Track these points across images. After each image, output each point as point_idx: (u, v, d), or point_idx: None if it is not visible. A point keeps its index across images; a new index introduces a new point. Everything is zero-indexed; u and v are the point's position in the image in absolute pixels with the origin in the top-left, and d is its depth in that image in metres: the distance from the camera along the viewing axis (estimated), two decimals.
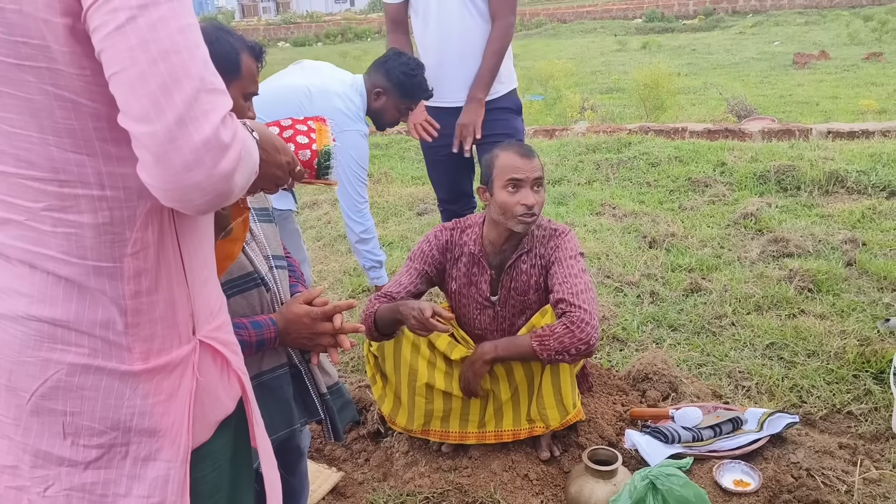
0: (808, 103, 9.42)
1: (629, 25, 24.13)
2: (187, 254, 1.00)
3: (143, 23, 0.79)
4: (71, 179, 0.88)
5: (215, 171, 0.82)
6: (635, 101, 9.16)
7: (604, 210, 4.94)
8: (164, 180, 0.82)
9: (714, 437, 2.40)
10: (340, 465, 2.47)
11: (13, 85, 0.83)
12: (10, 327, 0.91)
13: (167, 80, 0.79)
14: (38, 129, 0.85)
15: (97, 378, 0.93)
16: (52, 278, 0.90)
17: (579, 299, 2.21)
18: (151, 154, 0.81)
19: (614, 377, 2.81)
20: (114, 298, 0.92)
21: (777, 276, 3.65)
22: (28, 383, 0.92)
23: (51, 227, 0.89)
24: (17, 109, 0.85)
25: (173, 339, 0.99)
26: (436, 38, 2.95)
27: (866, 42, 15.59)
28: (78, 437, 0.94)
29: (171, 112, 0.79)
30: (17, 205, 0.88)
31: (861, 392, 2.65)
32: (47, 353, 0.91)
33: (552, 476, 2.33)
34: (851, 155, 5.37)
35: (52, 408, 0.93)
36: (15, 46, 0.82)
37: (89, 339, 0.92)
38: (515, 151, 2.28)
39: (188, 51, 0.81)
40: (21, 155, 0.87)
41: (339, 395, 1.78)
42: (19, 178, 0.87)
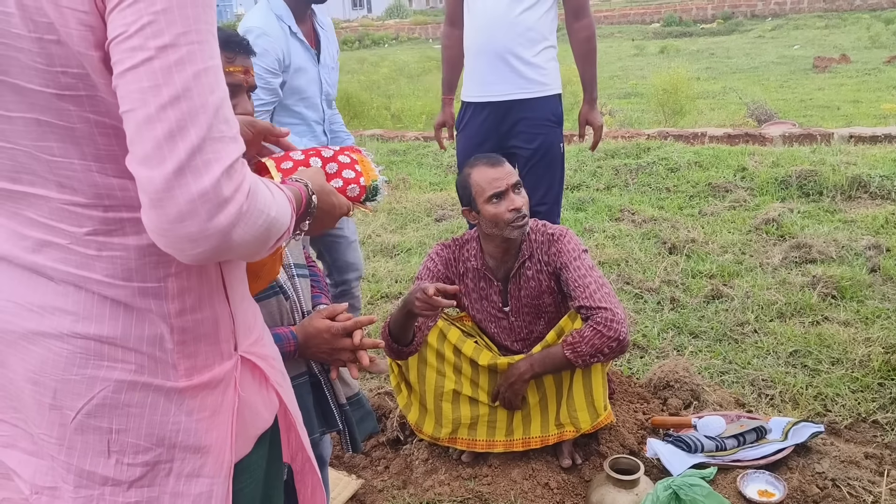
0: (829, 107, 9.34)
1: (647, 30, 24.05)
2: (227, 271, 1.01)
3: (158, 65, 0.77)
4: (115, 204, 0.88)
5: (209, 224, 0.80)
6: (654, 106, 9.12)
7: (623, 216, 4.92)
8: (158, 226, 0.80)
9: (738, 447, 2.37)
10: (360, 473, 2.46)
11: (54, 114, 0.83)
12: (55, 345, 0.89)
13: (174, 126, 0.78)
14: (80, 156, 0.85)
15: (143, 395, 0.93)
16: (98, 297, 0.90)
17: (596, 300, 2.21)
18: (148, 198, 0.79)
19: (635, 385, 2.79)
20: (161, 316, 0.92)
21: (800, 283, 3.61)
22: (74, 401, 0.90)
23: (95, 251, 0.88)
24: (59, 138, 0.84)
25: (216, 355, 1.00)
26: (481, 30, 2.89)
27: (888, 45, 15.43)
28: (123, 455, 0.93)
29: (172, 161, 0.77)
30: (59, 229, 0.88)
31: (887, 400, 2.61)
32: (93, 371, 0.90)
33: (573, 485, 2.31)
34: (874, 160, 5.31)
35: (98, 425, 0.92)
36: (55, 77, 0.82)
37: (136, 355, 0.92)
38: (485, 164, 2.29)
39: (201, 97, 0.79)
40: (63, 182, 0.86)
41: (360, 406, 1.78)
42: (62, 204, 0.87)
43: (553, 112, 2.92)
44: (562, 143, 2.99)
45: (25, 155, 0.85)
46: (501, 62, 2.84)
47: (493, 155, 2.34)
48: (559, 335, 2.30)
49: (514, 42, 2.81)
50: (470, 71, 2.97)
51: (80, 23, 0.80)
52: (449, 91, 3.28)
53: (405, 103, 10.57)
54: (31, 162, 0.86)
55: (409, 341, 2.27)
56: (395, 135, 8.18)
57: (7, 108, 0.83)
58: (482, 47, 2.87)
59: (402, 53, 20.91)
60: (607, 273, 3.93)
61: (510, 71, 2.84)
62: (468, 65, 2.98)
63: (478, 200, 2.29)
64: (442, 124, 3.27)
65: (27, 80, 0.82)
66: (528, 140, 2.90)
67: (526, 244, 2.38)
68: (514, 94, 2.87)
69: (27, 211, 0.88)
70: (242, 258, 0.93)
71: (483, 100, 2.93)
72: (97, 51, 0.81)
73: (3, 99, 0.82)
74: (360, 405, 1.78)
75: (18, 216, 0.89)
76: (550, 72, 2.91)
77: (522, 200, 2.27)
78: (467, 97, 3.01)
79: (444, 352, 2.37)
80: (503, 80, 2.86)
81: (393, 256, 4.56)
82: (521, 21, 2.80)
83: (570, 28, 2.99)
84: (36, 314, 0.89)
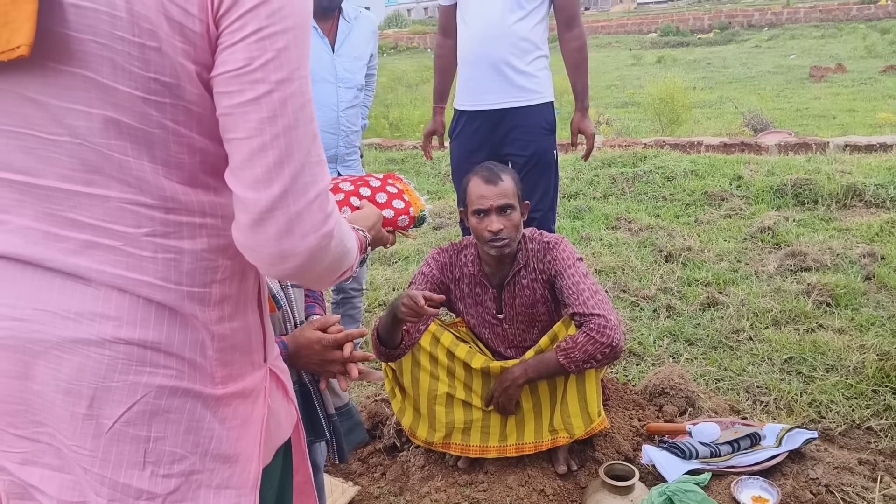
0: (824, 117, 9.39)
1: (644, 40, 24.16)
2: (263, 283, 1.04)
3: (276, 97, 0.83)
4: (177, 207, 0.89)
5: (301, 242, 0.87)
6: (650, 115, 9.17)
7: (619, 224, 4.94)
8: (255, 243, 0.87)
9: (732, 453, 2.38)
10: (357, 480, 2.47)
11: (136, 117, 0.85)
12: (95, 352, 0.87)
13: (283, 153, 0.84)
14: (150, 160, 0.87)
15: (182, 401, 0.92)
16: (143, 302, 0.89)
17: (589, 306, 2.22)
18: (250, 218, 0.86)
19: (631, 392, 2.80)
20: (203, 322, 0.93)
21: (795, 291, 3.63)
22: (112, 409, 0.89)
23: (151, 252, 0.89)
24: (135, 140, 0.85)
25: (248, 365, 1.01)
26: (474, 40, 2.92)
27: (883, 55, 15.52)
28: (158, 465, 0.92)
29: (279, 184, 0.84)
30: (112, 230, 0.87)
31: (881, 407, 2.63)
32: (136, 377, 0.89)
33: (568, 491, 2.32)
34: (869, 168, 5.34)
35: (136, 434, 0.90)
36: (146, 81, 0.84)
37: (178, 360, 0.91)
38: (481, 178, 2.30)
39: (304, 126, 0.86)
40: (130, 182, 0.87)
41: (349, 417, 1.78)
42: (123, 203, 0.87)
43: (546, 119, 2.96)
44: (555, 150, 3.02)
45: (95, 153, 0.85)
46: (495, 71, 2.87)
47: (496, 169, 2.33)
48: (552, 341, 2.31)
49: (508, 51, 2.85)
50: (464, 80, 3.00)
51: (185, 38, 0.83)
52: (440, 100, 3.31)
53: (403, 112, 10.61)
54: (98, 160, 0.85)
55: (396, 345, 2.29)
56: (393, 143, 8.21)
57: (89, 105, 0.83)
58: (476, 57, 2.90)
59: (400, 63, 21.00)
60: (604, 281, 3.95)
61: (504, 80, 2.88)
62: (462, 74, 3.01)
63: (468, 209, 2.34)
64: (432, 133, 3.30)
65: (116, 81, 0.83)
66: (522, 147, 2.93)
67: (522, 252, 2.39)
68: (507, 103, 2.90)
69: (69, 212, 0.87)
70: (313, 281, 0.97)
71: (477, 108, 2.96)
72: (194, 65, 0.85)
73: (87, 95, 0.83)
74: (349, 416, 1.78)
75: (54, 217, 0.87)
76: (543, 80, 2.95)
77: (503, 224, 2.26)
78: (461, 105, 3.03)
79: (437, 355, 2.39)
80: (497, 89, 2.89)
81: (391, 265, 4.57)
82: (515, 31, 2.84)
83: (562, 38, 3.03)
84: (73, 321, 0.87)
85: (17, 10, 0.77)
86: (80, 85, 0.82)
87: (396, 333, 2.25)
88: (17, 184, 0.86)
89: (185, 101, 0.86)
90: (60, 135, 0.84)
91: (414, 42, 28.99)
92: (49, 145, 0.84)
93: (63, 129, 0.83)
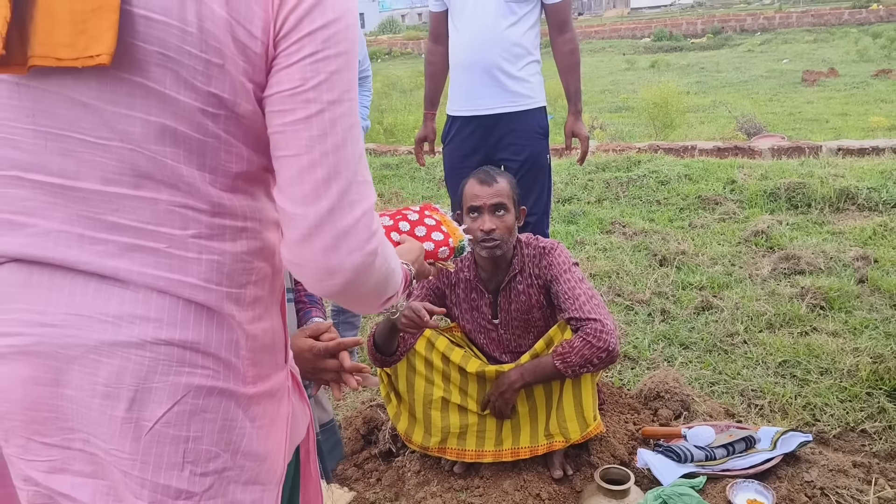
0: (817, 121, 9.43)
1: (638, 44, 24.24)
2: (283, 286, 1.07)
3: (327, 117, 0.88)
4: (222, 211, 0.92)
5: (348, 258, 0.90)
6: (644, 119, 9.20)
7: (614, 228, 4.95)
8: (303, 258, 0.91)
9: (727, 456, 2.38)
10: (352, 485, 2.47)
11: (192, 126, 0.88)
12: (135, 354, 0.88)
13: (331, 171, 0.88)
14: (199, 167, 0.90)
15: (218, 400, 0.94)
16: (183, 303, 0.90)
17: (585, 311, 2.23)
18: (298, 234, 0.90)
19: (626, 396, 2.81)
20: (239, 322, 0.95)
21: (789, 294, 3.64)
22: (153, 410, 0.90)
23: (195, 253, 0.91)
24: (188, 147, 0.88)
25: (273, 366, 1.03)
26: (467, 46, 2.93)
27: (875, 59, 15.61)
28: (196, 464, 0.93)
29: (327, 201, 0.88)
30: (158, 232, 0.89)
31: (875, 410, 2.64)
32: (176, 377, 0.90)
33: (564, 496, 2.32)
34: (862, 172, 5.36)
35: (176, 434, 0.91)
36: (206, 95, 0.87)
37: (215, 360, 0.93)
38: (476, 178, 2.33)
39: (352, 145, 0.90)
40: (181, 186, 0.89)
41: (332, 434, 1.76)
42: (171, 206, 0.89)
43: (539, 124, 2.98)
44: (548, 155, 3.03)
45: (147, 158, 0.87)
46: (488, 77, 2.89)
47: (492, 172, 2.35)
48: (548, 345, 2.32)
49: (501, 57, 2.86)
50: (456, 85, 3.01)
51: (247, 58, 0.87)
52: (431, 106, 3.32)
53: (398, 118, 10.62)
54: (150, 165, 0.87)
55: (392, 352, 2.29)
56: (387, 149, 8.22)
57: (147, 113, 0.85)
58: (469, 62, 2.92)
59: (394, 68, 21.03)
60: (598, 285, 3.95)
61: (497, 85, 2.89)
62: (454, 79, 3.01)
63: (463, 209, 2.35)
64: (423, 139, 3.31)
65: (178, 92, 0.86)
66: (516, 152, 2.94)
67: (517, 258, 2.40)
68: (501, 108, 2.92)
69: (110, 215, 0.88)
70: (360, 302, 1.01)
71: (470, 114, 2.97)
72: (251, 83, 0.89)
73: (146, 103, 0.85)
74: (332, 433, 1.76)
75: (90, 220, 0.88)
76: (535, 85, 2.97)
77: (495, 224, 2.28)
78: (453, 111, 3.04)
79: (432, 359, 2.39)
80: (490, 95, 2.91)
81: None
82: (507, 36, 2.85)
83: (554, 42, 3.05)
84: (111, 324, 0.88)
85: (98, 20, 0.80)
86: (140, 93, 0.85)
87: (393, 341, 2.25)
88: (50, 186, 0.87)
89: (238, 114, 0.89)
90: (110, 139, 0.86)
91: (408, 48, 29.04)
92: (96, 149, 0.86)
93: (114, 134, 0.86)
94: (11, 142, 0.87)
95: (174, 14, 0.83)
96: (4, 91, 0.86)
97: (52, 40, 0.81)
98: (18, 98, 0.86)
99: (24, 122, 0.86)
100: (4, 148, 0.87)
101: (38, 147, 0.86)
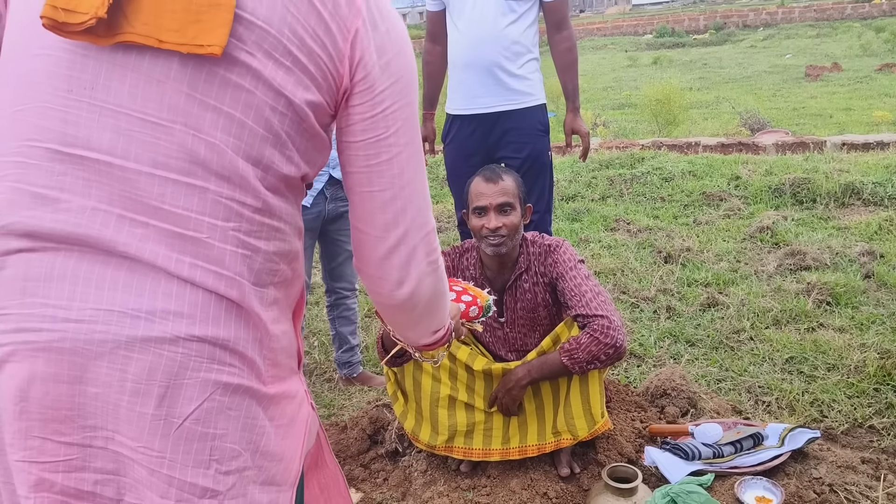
0: (821, 115, 9.40)
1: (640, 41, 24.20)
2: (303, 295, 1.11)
3: (404, 157, 1.02)
4: (263, 208, 0.95)
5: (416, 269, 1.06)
6: (647, 116, 9.17)
7: (618, 226, 4.94)
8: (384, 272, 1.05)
9: (735, 454, 2.38)
10: (359, 486, 2.46)
11: (259, 121, 0.91)
12: (167, 350, 0.88)
13: (407, 201, 1.03)
14: (255, 163, 0.93)
15: (242, 398, 0.94)
16: (215, 297, 0.91)
17: (592, 308, 2.23)
18: (380, 253, 1.04)
19: (632, 393, 2.80)
20: (264, 321, 0.97)
21: (795, 290, 3.63)
22: (183, 407, 0.89)
23: (233, 246, 0.92)
24: (251, 141, 0.92)
25: (289, 369, 1.06)
26: (466, 44, 2.93)
27: (879, 53, 15.56)
28: (221, 463, 0.93)
29: (403, 226, 1.03)
30: (202, 221, 0.89)
31: (883, 406, 2.63)
32: (206, 374, 0.90)
33: (571, 494, 2.31)
34: (867, 167, 5.34)
35: (205, 431, 0.91)
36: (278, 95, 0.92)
37: (241, 358, 0.94)
38: (482, 177, 2.34)
39: (421, 177, 1.05)
40: (233, 179, 0.91)
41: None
42: (218, 196, 0.90)
43: (540, 121, 2.98)
44: (549, 152, 3.03)
45: (207, 145, 0.89)
46: (488, 75, 2.88)
47: (498, 170, 2.35)
48: (555, 342, 2.31)
49: (500, 55, 2.86)
50: (456, 84, 3.00)
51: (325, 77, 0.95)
52: (430, 106, 3.31)
53: None
54: (208, 153, 0.89)
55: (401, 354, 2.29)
56: None
57: (221, 102, 0.89)
58: (469, 61, 2.91)
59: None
60: (603, 283, 3.94)
61: (497, 83, 2.89)
62: (454, 78, 3.01)
63: (469, 208, 2.35)
64: (423, 139, 3.30)
65: (255, 87, 0.90)
66: (517, 150, 2.94)
67: (523, 256, 2.40)
68: (501, 106, 2.92)
69: (154, 199, 0.87)
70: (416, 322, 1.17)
71: (470, 112, 2.97)
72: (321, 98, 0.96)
73: (223, 93, 0.88)
74: None
75: (133, 202, 0.87)
76: (535, 83, 2.97)
77: (501, 222, 2.29)
78: (454, 110, 3.04)
79: None
80: (490, 93, 2.91)
81: None
82: (507, 34, 2.85)
83: (552, 40, 3.04)
84: (144, 320, 0.87)
85: (213, 14, 0.85)
86: (220, 82, 0.88)
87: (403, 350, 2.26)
88: (93, 162, 0.86)
89: (300, 118, 0.95)
90: (174, 122, 0.87)
91: None
92: (156, 130, 0.87)
93: (181, 117, 0.87)
94: (62, 113, 0.86)
95: (274, 24, 0.89)
96: (65, 61, 0.86)
97: (157, 22, 0.84)
98: (81, 69, 0.86)
99: (80, 94, 0.86)
100: (51, 119, 0.86)
101: (90, 121, 0.86)
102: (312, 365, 3.34)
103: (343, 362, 3.15)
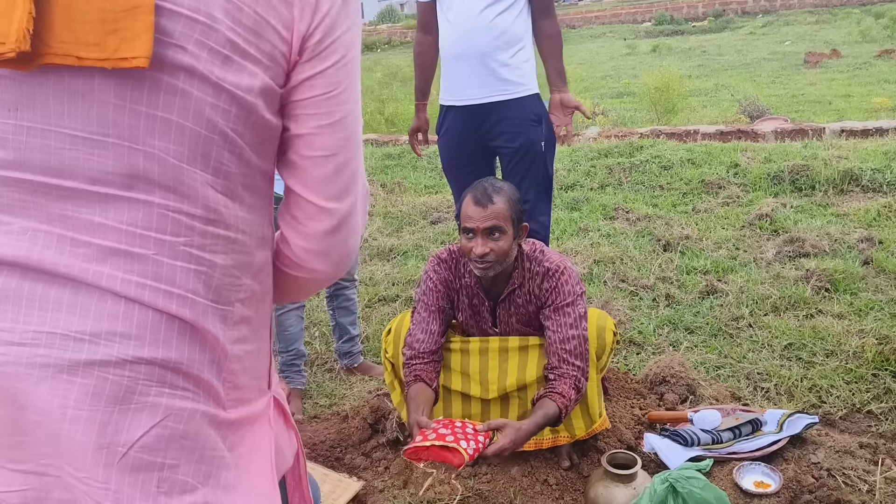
0: (820, 102, 9.39)
1: (638, 29, 24.13)
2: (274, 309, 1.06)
3: (352, 116, 0.94)
4: (217, 219, 0.88)
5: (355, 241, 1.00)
6: (646, 104, 9.16)
7: (617, 214, 4.94)
8: (329, 247, 0.98)
9: (733, 439, 2.39)
10: (361, 474, 2.48)
11: (199, 122, 0.84)
12: (112, 374, 0.82)
13: (355, 168, 0.96)
14: (203, 167, 0.86)
15: (198, 425, 0.88)
16: (166, 318, 0.85)
17: (571, 360, 2.19)
18: (328, 225, 0.95)
19: (631, 381, 2.81)
20: (222, 342, 0.90)
21: (794, 277, 3.64)
22: (128, 434, 0.83)
23: (185, 262, 0.86)
24: (193, 144, 0.84)
25: (255, 390, 0.99)
26: (457, 35, 2.91)
27: (878, 39, 15.52)
28: (170, 496, 0.86)
29: (353, 193, 0.96)
30: (148, 237, 0.84)
31: (881, 391, 2.64)
32: (155, 398, 0.84)
33: (571, 481, 2.33)
34: (865, 153, 5.34)
35: (152, 461, 0.84)
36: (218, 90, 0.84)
37: (195, 381, 0.87)
38: (472, 198, 2.21)
39: (360, 138, 0.97)
40: (179, 189, 0.84)
41: None
42: (166, 210, 0.84)
43: (533, 111, 2.95)
44: (543, 141, 3.01)
45: (146, 156, 0.82)
46: (480, 65, 2.87)
47: (490, 190, 2.23)
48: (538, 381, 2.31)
49: (492, 45, 2.85)
50: (448, 75, 2.99)
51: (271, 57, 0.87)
52: (422, 97, 3.30)
53: (399, 107, 10.59)
54: (148, 164, 0.83)
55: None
56: (389, 139, 8.20)
57: (154, 108, 0.82)
58: (460, 52, 2.90)
59: (394, 58, 20.96)
60: (603, 271, 3.95)
61: (489, 74, 2.88)
62: (446, 69, 2.99)
63: (459, 225, 2.27)
64: (417, 130, 3.30)
65: (189, 85, 0.83)
66: (510, 139, 2.93)
67: (518, 272, 2.33)
68: (494, 97, 2.90)
69: (97, 216, 0.83)
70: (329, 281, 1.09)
71: (463, 103, 2.96)
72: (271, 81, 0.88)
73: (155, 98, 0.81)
74: None
75: (74, 221, 0.82)
76: (527, 72, 2.94)
77: (489, 248, 2.17)
78: (446, 101, 3.03)
79: None
80: (482, 84, 2.89)
81: (389, 259, 4.58)
82: (497, 25, 2.84)
83: (538, 26, 3.02)
84: (87, 343, 0.82)
85: (132, 19, 0.77)
86: (149, 87, 0.81)
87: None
88: (29, 183, 0.82)
89: (247, 111, 0.87)
90: (107, 135, 0.81)
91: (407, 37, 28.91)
92: (87, 145, 0.81)
93: (113, 130, 0.81)
94: None
95: (202, 10, 0.81)
96: None
97: (73, 37, 0.76)
98: (3, 91, 0.80)
99: (4, 116, 0.80)
100: None
101: (18, 143, 0.81)
102: (313, 355, 3.36)
103: (343, 352, 3.16)
